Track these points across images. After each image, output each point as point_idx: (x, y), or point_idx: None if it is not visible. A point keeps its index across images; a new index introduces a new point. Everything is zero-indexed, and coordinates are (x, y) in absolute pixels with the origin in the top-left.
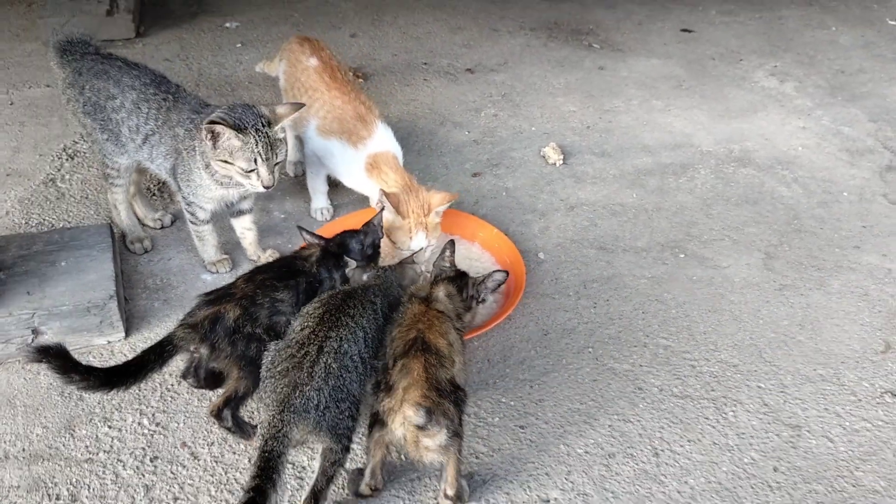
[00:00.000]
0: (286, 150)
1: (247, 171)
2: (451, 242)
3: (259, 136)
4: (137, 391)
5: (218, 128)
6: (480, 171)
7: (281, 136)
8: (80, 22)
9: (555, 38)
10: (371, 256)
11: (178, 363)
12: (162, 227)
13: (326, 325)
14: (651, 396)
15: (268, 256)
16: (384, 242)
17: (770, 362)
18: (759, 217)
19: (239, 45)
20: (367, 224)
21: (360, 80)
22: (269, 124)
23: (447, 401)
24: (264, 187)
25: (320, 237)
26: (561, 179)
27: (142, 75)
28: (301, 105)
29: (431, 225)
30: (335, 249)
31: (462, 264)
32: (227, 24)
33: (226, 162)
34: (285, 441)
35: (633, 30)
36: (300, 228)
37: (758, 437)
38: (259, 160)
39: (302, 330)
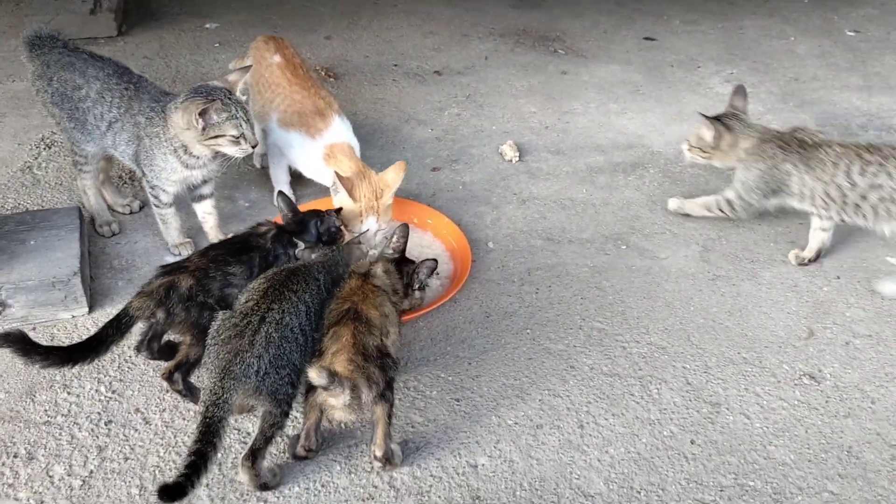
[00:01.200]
0: None
1: (236, 138)
2: (405, 227)
3: (234, 103)
4: (96, 361)
5: (210, 107)
6: (440, 165)
7: (244, 98)
8: (64, 20)
9: (522, 44)
10: (325, 242)
11: (135, 336)
12: (131, 213)
13: (269, 298)
14: (582, 374)
15: None
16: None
17: (697, 346)
18: None
19: (217, 44)
20: (328, 211)
21: (331, 79)
22: (231, 92)
23: (372, 365)
24: (252, 147)
25: (293, 205)
26: (516, 175)
27: (105, 67)
28: (248, 67)
29: (383, 208)
30: (293, 228)
31: (414, 251)
32: (207, 25)
33: (216, 137)
34: (225, 407)
35: (598, 38)
36: (280, 194)
37: (678, 413)
38: (244, 124)
39: (246, 302)
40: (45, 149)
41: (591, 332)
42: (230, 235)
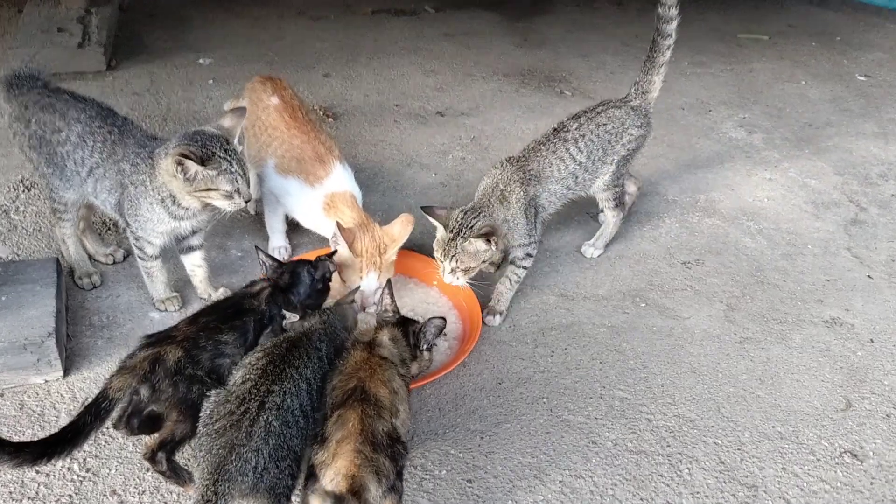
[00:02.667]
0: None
1: (230, 193)
2: (388, 283)
3: (229, 155)
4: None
5: (189, 163)
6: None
7: (240, 148)
8: (51, 53)
9: (527, 84)
10: (321, 291)
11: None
12: (114, 263)
13: (269, 377)
14: (605, 451)
15: (219, 295)
16: (334, 279)
17: (728, 418)
18: (723, 268)
19: (211, 81)
20: (319, 258)
21: (330, 119)
22: (228, 141)
23: (382, 455)
24: (245, 201)
25: (277, 260)
26: None
27: (88, 108)
28: (243, 110)
29: (385, 265)
30: (286, 282)
31: (419, 308)
32: (201, 61)
33: (208, 190)
34: None
35: (606, 78)
36: (257, 248)
37: (713, 497)
38: (240, 179)
39: (243, 383)
40: (23, 191)
41: (612, 401)
42: (220, 291)
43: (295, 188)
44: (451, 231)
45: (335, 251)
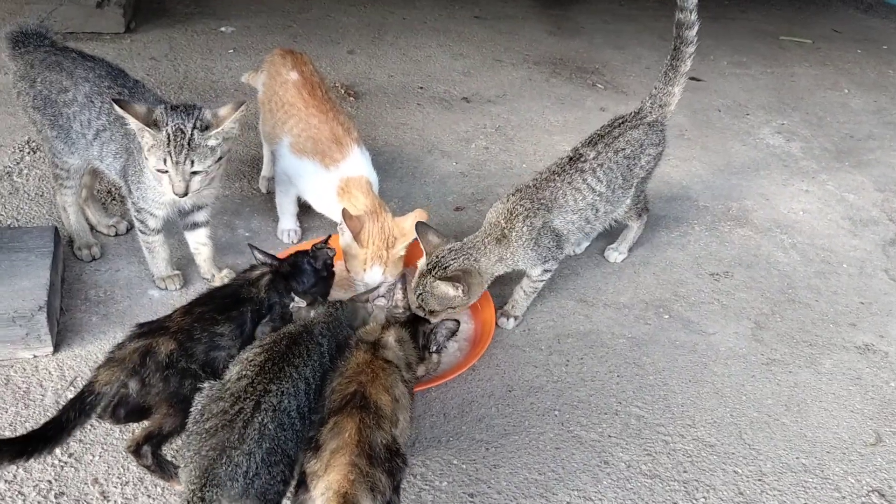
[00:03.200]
0: (214, 164)
1: (158, 171)
2: (403, 277)
3: (177, 136)
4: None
5: (122, 111)
6: (463, 205)
7: (212, 143)
8: (69, 12)
9: (558, 74)
10: (326, 278)
11: None
12: (116, 235)
13: (267, 376)
14: (617, 473)
15: (223, 276)
16: (339, 268)
17: (750, 445)
18: (752, 282)
19: (231, 50)
20: (314, 246)
21: (351, 98)
22: (204, 129)
23: (379, 470)
24: (174, 193)
25: (273, 257)
26: None
27: (97, 67)
28: (242, 103)
29: (392, 260)
30: (287, 270)
31: None
32: (223, 29)
33: (147, 158)
34: None
35: (641, 73)
36: (251, 247)
37: None
38: (169, 161)
39: (239, 380)
40: (29, 153)
41: (628, 419)
42: (224, 272)
43: (309, 170)
44: (428, 265)
45: (329, 236)
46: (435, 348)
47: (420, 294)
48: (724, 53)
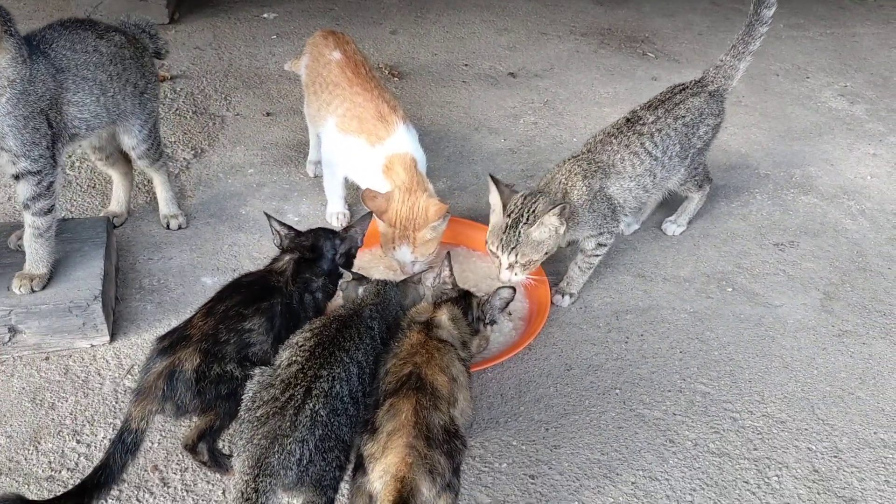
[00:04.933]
0: None
1: None
2: (448, 256)
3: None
4: (114, 402)
5: None
6: (513, 182)
7: None
8: (113, 4)
9: (607, 44)
10: (344, 265)
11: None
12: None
13: (318, 361)
14: (684, 451)
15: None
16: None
17: (824, 421)
18: (820, 251)
19: (274, 36)
20: (346, 229)
21: (396, 78)
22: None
23: (437, 452)
24: None
25: (292, 228)
26: None
27: None
28: None
29: (421, 240)
30: (309, 255)
31: (482, 284)
32: (265, 15)
33: None
34: None
35: (693, 40)
36: (268, 216)
37: None
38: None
39: (289, 365)
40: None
41: (693, 396)
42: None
43: (355, 148)
44: (510, 217)
45: (369, 214)
46: (489, 319)
47: (514, 248)
48: (780, 16)
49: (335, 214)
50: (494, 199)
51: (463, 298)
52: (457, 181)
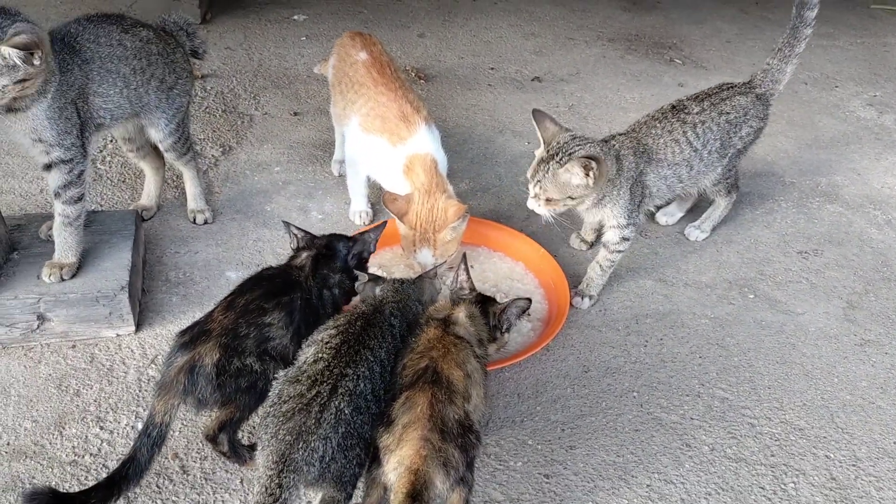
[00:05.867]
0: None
1: None
2: (464, 258)
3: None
4: (138, 391)
5: None
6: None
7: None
8: (146, 4)
9: (634, 50)
10: (356, 267)
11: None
12: (204, 223)
13: (344, 359)
14: (700, 456)
15: None
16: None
17: (843, 429)
18: (844, 260)
19: (304, 38)
20: (362, 233)
21: (422, 81)
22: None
23: (451, 445)
24: None
25: (308, 233)
26: None
27: None
28: None
29: (441, 242)
30: (325, 252)
31: (503, 284)
32: (295, 17)
33: None
34: None
35: (721, 47)
36: (286, 224)
37: None
38: None
39: (315, 362)
40: (111, 141)
41: (711, 401)
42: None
43: (377, 147)
44: (549, 151)
45: (384, 223)
46: (506, 327)
47: (539, 181)
48: None
49: (358, 213)
50: (538, 134)
51: (480, 304)
52: (479, 182)
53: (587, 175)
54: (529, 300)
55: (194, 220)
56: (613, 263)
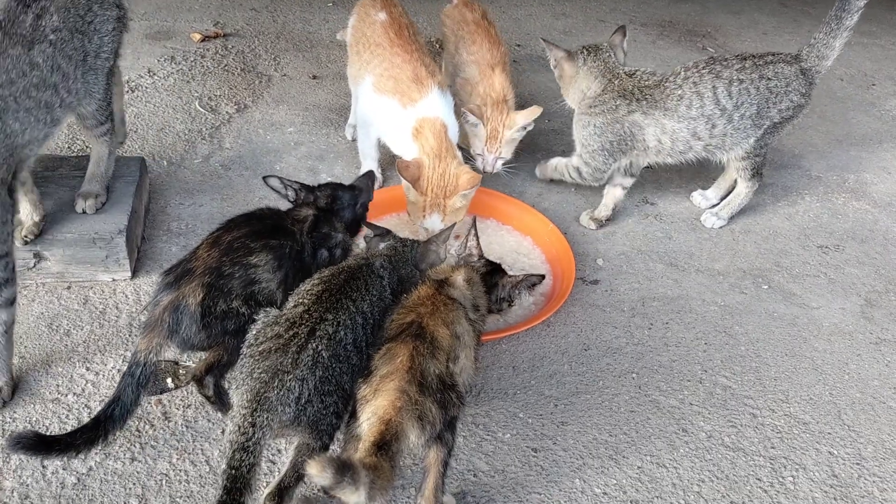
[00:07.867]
0: None
1: None
2: (474, 223)
3: None
4: (128, 335)
5: None
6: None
7: None
8: None
9: (666, 36)
10: (361, 217)
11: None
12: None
13: (324, 305)
14: (696, 442)
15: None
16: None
17: (849, 426)
18: (866, 258)
19: (330, 4)
20: (359, 178)
21: None
22: None
23: (430, 399)
24: None
25: (300, 184)
26: (640, 183)
27: None
28: None
29: (451, 209)
30: (327, 206)
31: (508, 258)
32: None
33: None
34: (256, 451)
35: (756, 38)
36: (265, 179)
37: None
38: None
39: (295, 307)
40: (128, 92)
41: (713, 388)
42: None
43: (387, 108)
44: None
45: (370, 172)
46: (512, 300)
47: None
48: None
49: None
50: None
51: (491, 275)
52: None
53: (563, 70)
54: (543, 276)
55: (83, 209)
56: (563, 176)
